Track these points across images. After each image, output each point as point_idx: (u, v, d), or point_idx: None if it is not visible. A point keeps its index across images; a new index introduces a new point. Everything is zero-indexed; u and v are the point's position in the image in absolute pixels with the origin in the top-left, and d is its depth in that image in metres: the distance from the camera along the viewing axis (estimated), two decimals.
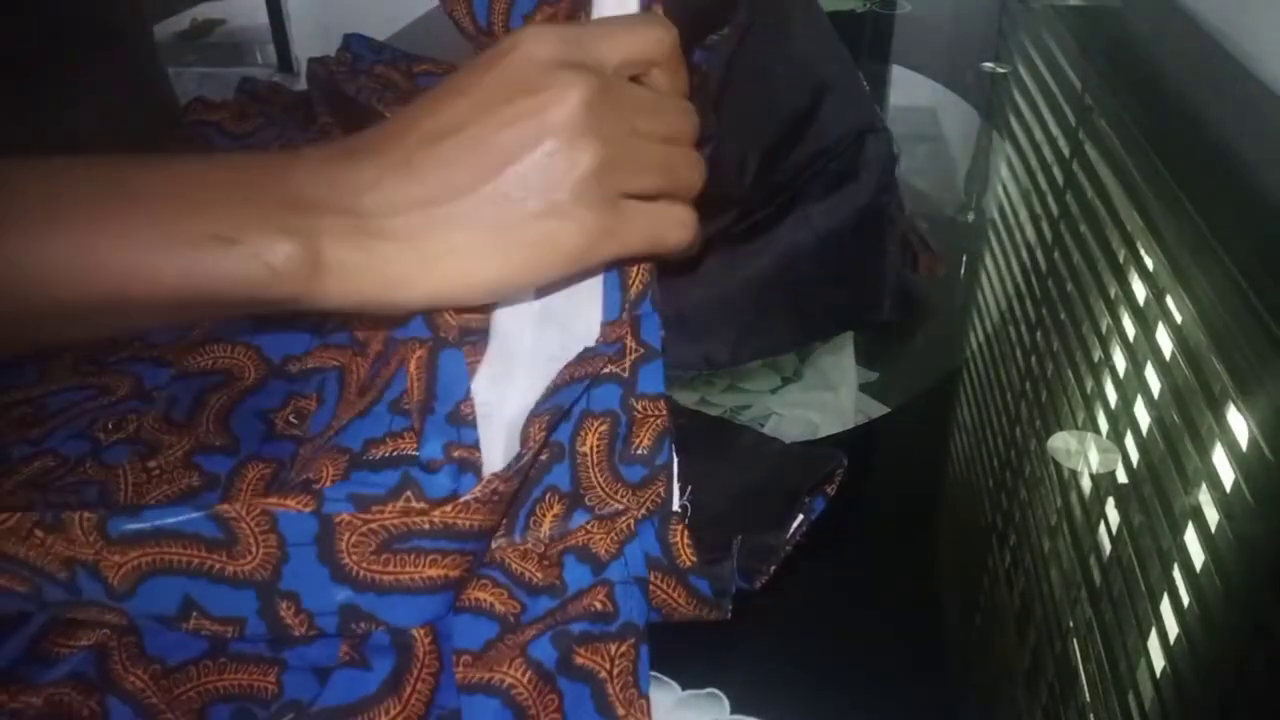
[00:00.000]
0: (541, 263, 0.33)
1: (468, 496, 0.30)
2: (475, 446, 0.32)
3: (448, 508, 0.30)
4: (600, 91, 0.31)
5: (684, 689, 0.33)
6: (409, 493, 0.30)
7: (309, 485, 0.31)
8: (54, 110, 0.51)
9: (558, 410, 0.33)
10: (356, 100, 0.62)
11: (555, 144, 0.31)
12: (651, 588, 0.33)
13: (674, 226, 0.34)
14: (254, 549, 0.29)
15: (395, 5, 0.99)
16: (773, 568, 0.37)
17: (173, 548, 0.29)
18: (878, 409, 0.47)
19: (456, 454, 0.31)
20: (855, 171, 0.42)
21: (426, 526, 0.30)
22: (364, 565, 0.30)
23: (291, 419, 0.39)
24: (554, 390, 0.34)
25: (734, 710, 0.33)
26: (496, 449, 0.33)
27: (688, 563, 0.33)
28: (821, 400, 0.47)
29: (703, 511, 0.40)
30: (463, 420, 0.32)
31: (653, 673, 0.33)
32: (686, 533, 0.33)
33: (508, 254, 0.32)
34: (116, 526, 0.29)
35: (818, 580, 0.38)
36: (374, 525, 0.29)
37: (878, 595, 0.38)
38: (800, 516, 0.38)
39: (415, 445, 0.32)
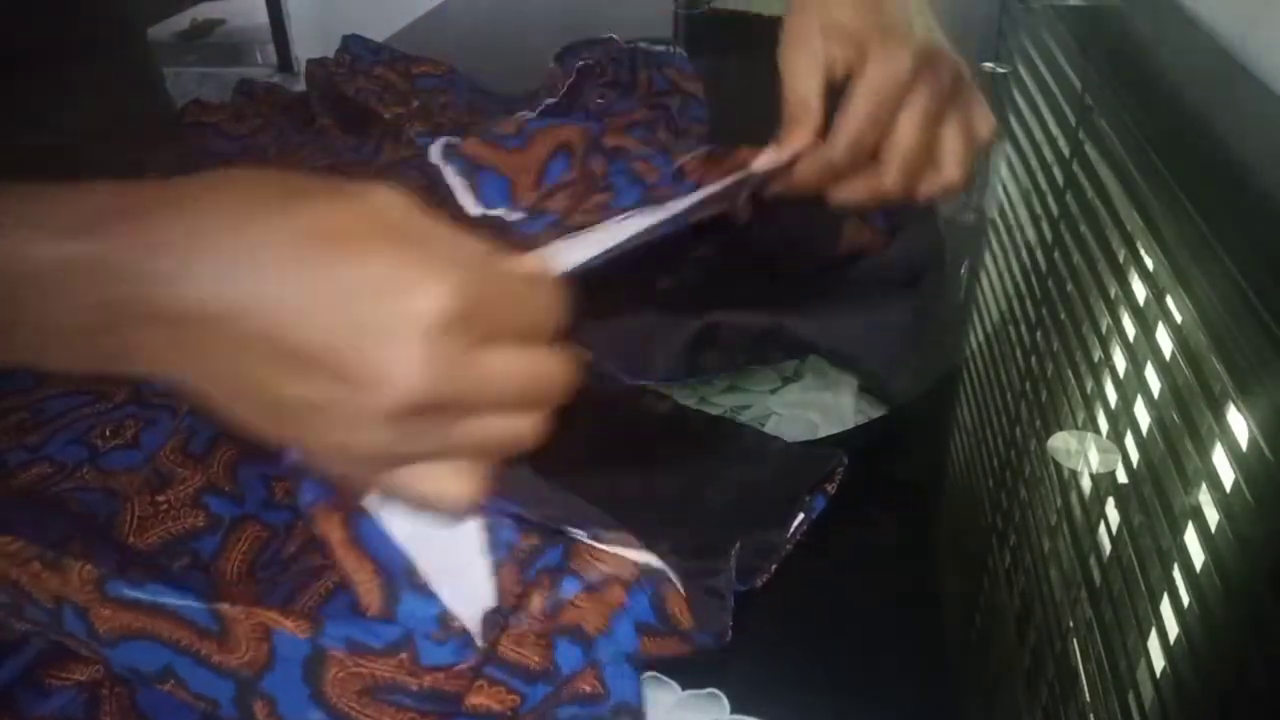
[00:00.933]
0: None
1: (462, 666, 0.31)
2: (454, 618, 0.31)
3: (440, 675, 0.30)
4: (446, 394, 0.27)
5: (684, 689, 0.33)
6: (404, 655, 0.30)
7: (318, 613, 0.31)
8: (48, 112, 0.51)
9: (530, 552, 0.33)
10: (355, 101, 0.62)
11: (362, 422, 0.26)
12: (650, 648, 0.33)
13: (443, 495, 0.29)
14: (244, 648, 0.30)
15: (395, 6, 1.00)
16: (774, 566, 0.37)
17: (165, 624, 0.29)
18: (878, 409, 0.47)
19: (455, 625, 0.31)
20: (915, 280, 0.46)
21: (415, 688, 0.30)
22: (344, 701, 0.30)
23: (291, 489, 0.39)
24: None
25: (734, 710, 0.33)
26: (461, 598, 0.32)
27: (686, 625, 0.33)
28: (821, 400, 0.47)
29: (704, 511, 0.40)
30: (427, 590, 0.32)
31: (653, 673, 0.33)
32: (683, 599, 0.33)
33: (266, 429, 0.28)
34: (115, 589, 0.29)
35: (818, 580, 0.38)
36: (364, 670, 0.30)
37: (878, 595, 0.38)
38: (801, 515, 0.38)
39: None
